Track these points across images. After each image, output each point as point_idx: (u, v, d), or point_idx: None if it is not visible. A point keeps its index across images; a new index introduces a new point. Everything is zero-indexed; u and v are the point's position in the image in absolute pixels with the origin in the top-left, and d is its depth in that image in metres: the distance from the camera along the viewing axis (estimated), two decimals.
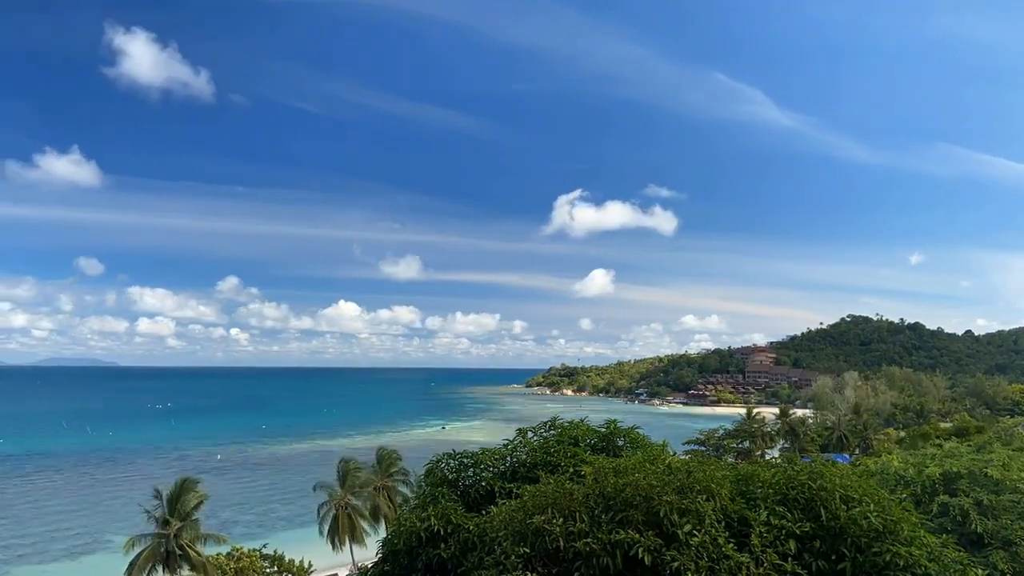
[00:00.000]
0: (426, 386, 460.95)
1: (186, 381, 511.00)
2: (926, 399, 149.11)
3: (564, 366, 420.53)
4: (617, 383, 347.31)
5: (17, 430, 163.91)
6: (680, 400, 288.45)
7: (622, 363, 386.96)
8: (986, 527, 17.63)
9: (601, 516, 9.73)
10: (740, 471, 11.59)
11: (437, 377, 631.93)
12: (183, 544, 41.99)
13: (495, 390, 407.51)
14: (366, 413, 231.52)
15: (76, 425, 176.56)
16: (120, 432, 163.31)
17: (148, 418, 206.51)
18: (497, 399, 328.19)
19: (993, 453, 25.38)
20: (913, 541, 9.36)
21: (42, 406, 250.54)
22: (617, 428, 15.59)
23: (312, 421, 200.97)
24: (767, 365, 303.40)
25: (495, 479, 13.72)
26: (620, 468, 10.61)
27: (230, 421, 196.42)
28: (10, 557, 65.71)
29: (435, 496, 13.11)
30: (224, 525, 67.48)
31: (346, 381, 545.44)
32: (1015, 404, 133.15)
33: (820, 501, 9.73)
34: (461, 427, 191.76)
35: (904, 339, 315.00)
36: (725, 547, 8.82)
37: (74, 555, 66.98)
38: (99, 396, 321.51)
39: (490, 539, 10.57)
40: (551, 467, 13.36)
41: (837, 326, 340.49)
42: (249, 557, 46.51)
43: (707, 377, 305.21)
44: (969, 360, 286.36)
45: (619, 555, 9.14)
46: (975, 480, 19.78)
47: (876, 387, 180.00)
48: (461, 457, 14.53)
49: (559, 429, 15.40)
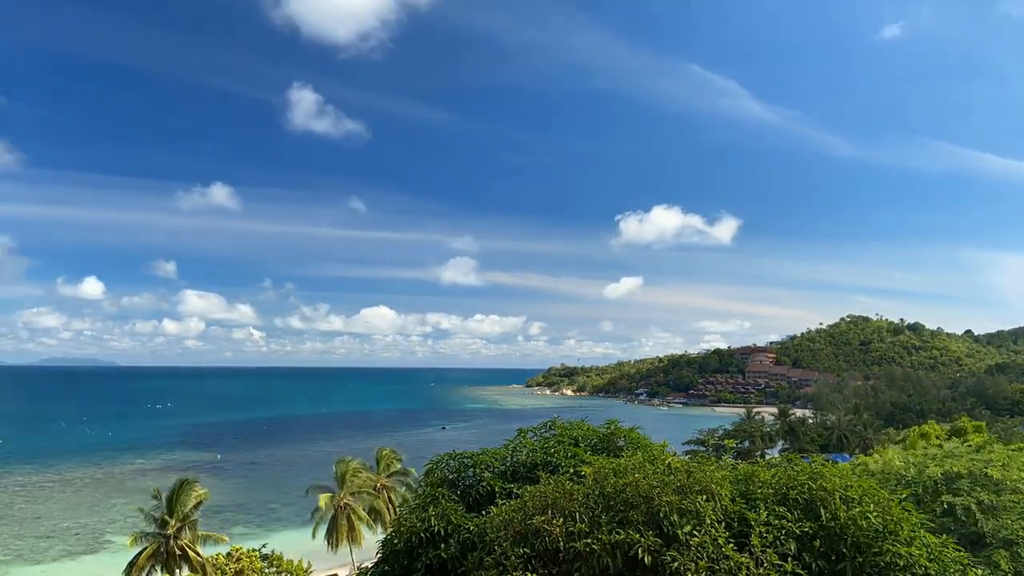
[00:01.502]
0: (427, 386, 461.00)
1: (186, 381, 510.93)
2: (926, 399, 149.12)
3: (564, 366, 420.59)
4: (617, 383, 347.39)
5: (17, 430, 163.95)
6: (680, 400, 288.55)
7: (622, 363, 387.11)
8: (987, 527, 17.64)
9: (601, 516, 9.73)
10: (740, 471, 11.59)
11: (438, 377, 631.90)
12: (182, 544, 42.00)
13: (496, 390, 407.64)
14: (366, 413, 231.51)
15: (76, 425, 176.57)
16: (120, 432, 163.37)
17: (148, 418, 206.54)
18: (498, 399, 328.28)
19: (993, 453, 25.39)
20: (913, 541, 9.36)
21: (42, 406, 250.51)
22: (617, 428, 15.58)
23: (312, 421, 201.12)
24: (767, 365, 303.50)
25: (495, 479, 13.71)
26: (620, 468, 10.60)
27: (230, 421, 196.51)
28: (10, 557, 65.71)
29: (435, 496, 13.09)
30: (224, 525, 67.45)
31: (346, 381, 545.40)
32: (1015, 404, 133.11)
33: (820, 501, 9.74)
34: (461, 427, 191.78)
35: (904, 339, 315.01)
36: (725, 547, 8.82)
37: (74, 555, 66.98)
38: (99, 396, 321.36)
39: (490, 539, 10.56)
40: (551, 467, 13.35)
41: (837, 326, 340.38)
42: (249, 557, 46.44)
43: (707, 377, 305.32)
44: (969, 360, 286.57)
45: (619, 555, 9.14)
46: (975, 480, 19.79)
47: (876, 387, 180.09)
48: (461, 457, 14.52)
49: (559, 429, 15.39)
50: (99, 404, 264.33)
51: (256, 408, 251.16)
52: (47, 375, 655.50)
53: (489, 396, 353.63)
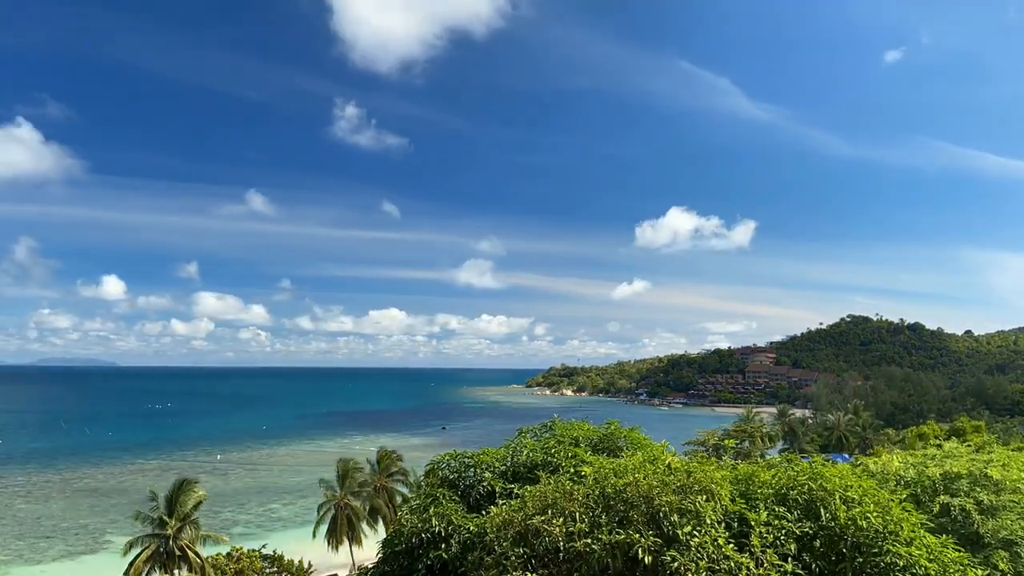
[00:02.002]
0: (427, 387, 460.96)
1: (187, 381, 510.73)
2: (926, 399, 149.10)
3: (564, 366, 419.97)
4: (617, 383, 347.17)
5: (16, 431, 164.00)
6: (680, 400, 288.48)
7: (622, 363, 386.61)
8: (986, 527, 17.63)
9: (601, 516, 9.74)
10: (740, 472, 11.59)
11: (438, 377, 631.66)
12: (182, 545, 41.97)
13: (496, 390, 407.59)
14: (367, 413, 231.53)
15: (75, 426, 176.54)
16: (119, 432, 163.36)
17: (148, 418, 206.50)
18: (498, 399, 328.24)
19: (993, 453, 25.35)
20: (913, 541, 9.37)
21: (41, 407, 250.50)
22: (617, 428, 15.60)
23: (313, 421, 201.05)
24: (767, 365, 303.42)
25: (495, 479, 13.73)
26: (620, 468, 10.62)
27: (230, 421, 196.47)
28: (10, 557, 65.71)
29: (436, 497, 13.12)
30: (224, 525, 67.51)
31: (347, 381, 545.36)
32: (1015, 404, 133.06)
33: (820, 502, 9.74)
34: (462, 427, 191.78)
35: (904, 339, 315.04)
36: (725, 548, 8.83)
37: (74, 555, 66.96)
38: (99, 397, 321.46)
39: (490, 539, 10.58)
40: (551, 467, 13.37)
41: (837, 326, 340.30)
42: (249, 557, 46.45)
43: (707, 377, 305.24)
44: (969, 360, 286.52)
45: (619, 555, 9.15)
46: (975, 480, 19.76)
47: (876, 387, 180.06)
48: (462, 457, 14.55)
49: (559, 429, 15.41)
50: (99, 404, 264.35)
51: (256, 408, 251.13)
52: (47, 375, 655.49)
53: (489, 396, 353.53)
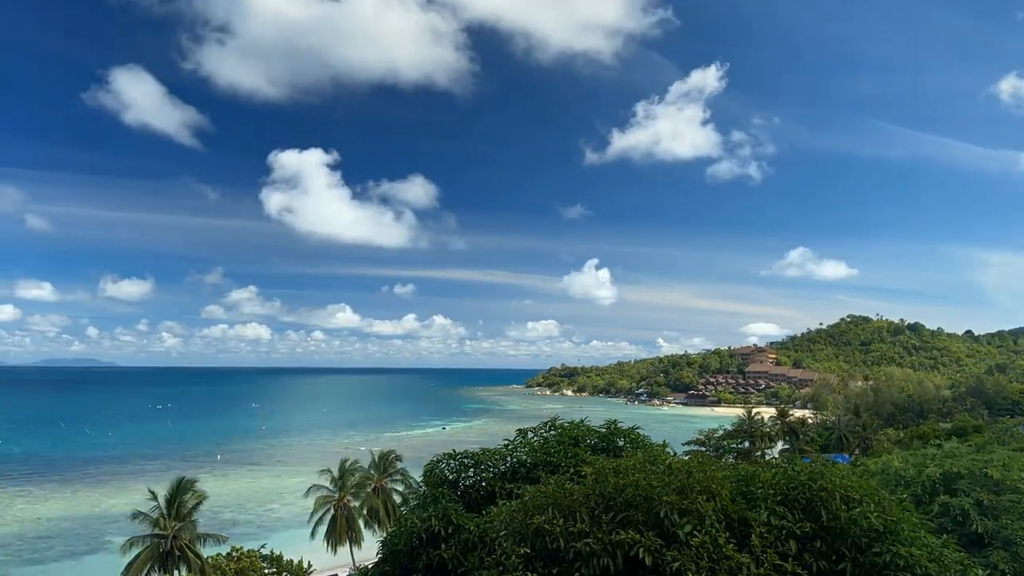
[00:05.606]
0: (426, 387, 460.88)
1: (187, 381, 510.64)
2: (926, 399, 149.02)
3: (564, 366, 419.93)
4: (617, 383, 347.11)
5: (16, 431, 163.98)
6: (680, 400, 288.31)
7: (622, 363, 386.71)
8: (986, 527, 17.63)
9: (601, 516, 9.73)
10: (740, 471, 11.58)
11: (438, 378, 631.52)
12: (182, 545, 41.96)
13: (496, 390, 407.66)
14: (366, 413, 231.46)
15: (75, 426, 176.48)
16: (119, 433, 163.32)
17: (147, 418, 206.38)
18: (497, 400, 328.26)
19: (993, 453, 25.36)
20: (914, 541, 9.35)
21: (41, 407, 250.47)
22: (617, 428, 15.60)
23: (312, 421, 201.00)
24: (767, 365, 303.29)
25: (495, 479, 13.73)
26: (620, 468, 10.60)
27: (230, 421, 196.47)
28: (10, 557, 65.71)
29: (436, 496, 13.11)
30: (224, 525, 67.44)
31: (345, 381, 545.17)
32: (1015, 404, 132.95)
33: (820, 501, 9.72)
34: (461, 427, 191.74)
35: (904, 339, 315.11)
36: (725, 547, 8.82)
37: (74, 555, 66.97)
38: (98, 397, 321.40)
39: (491, 539, 10.57)
40: (551, 467, 13.36)
41: (837, 326, 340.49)
42: (249, 557, 46.46)
43: (707, 377, 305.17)
44: (969, 360, 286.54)
45: (619, 555, 9.14)
46: (975, 480, 19.76)
47: (876, 387, 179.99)
48: (461, 457, 14.53)
49: (559, 429, 15.40)
50: (99, 404, 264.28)
51: (256, 408, 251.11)
52: (47, 375, 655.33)
53: (489, 396, 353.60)
